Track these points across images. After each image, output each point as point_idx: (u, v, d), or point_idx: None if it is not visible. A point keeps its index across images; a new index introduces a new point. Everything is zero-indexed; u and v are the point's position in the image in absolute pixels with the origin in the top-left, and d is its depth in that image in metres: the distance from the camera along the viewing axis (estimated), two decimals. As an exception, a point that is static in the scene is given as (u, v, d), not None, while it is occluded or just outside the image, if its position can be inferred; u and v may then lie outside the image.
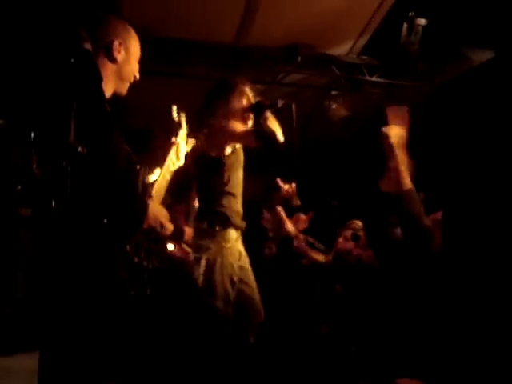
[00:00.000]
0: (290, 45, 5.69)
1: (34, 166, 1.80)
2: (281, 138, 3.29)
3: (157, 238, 2.22)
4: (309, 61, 5.82)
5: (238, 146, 3.48)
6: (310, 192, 7.94)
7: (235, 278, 3.28)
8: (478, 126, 2.22)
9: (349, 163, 7.61)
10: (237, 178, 3.44)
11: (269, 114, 3.24)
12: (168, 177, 2.58)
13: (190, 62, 5.64)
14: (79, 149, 1.59)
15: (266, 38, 5.61)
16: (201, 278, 3.20)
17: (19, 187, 2.90)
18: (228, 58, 5.74)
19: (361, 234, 3.82)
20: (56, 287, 1.79)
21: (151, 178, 2.46)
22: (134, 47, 2.33)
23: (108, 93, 2.19)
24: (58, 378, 1.89)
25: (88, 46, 1.78)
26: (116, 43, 2.20)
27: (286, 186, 3.94)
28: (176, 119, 2.84)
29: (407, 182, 2.40)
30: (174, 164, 2.69)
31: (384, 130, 2.44)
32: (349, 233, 4.03)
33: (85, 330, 1.90)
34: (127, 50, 2.26)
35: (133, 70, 2.34)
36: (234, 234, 3.34)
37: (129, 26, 2.33)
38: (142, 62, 5.76)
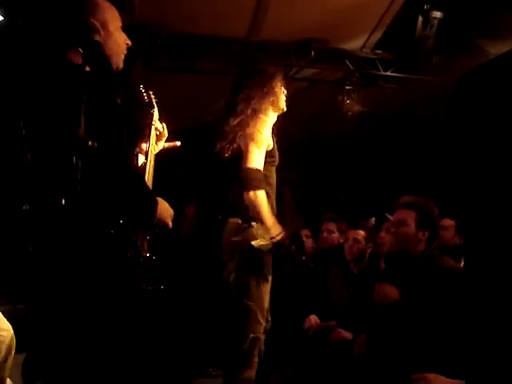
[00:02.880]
0: (303, 39, 5.63)
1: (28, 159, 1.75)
2: None
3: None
4: (322, 55, 5.76)
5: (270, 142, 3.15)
6: (323, 188, 7.94)
7: (268, 277, 3.01)
8: (500, 119, 2.16)
9: (363, 159, 7.55)
10: (271, 176, 3.15)
11: None
12: (153, 161, 2.45)
13: (203, 58, 5.61)
14: (89, 143, 1.54)
15: (279, 32, 5.56)
16: (232, 277, 2.99)
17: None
18: (240, 53, 5.70)
19: None
20: (65, 286, 1.75)
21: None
22: (109, 18, 2.12)
23: None
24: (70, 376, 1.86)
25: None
26: (90, 22, 2.01)
27: None
28: (146, 99, 2.61)
29: None
30: (155, 148, 2.55)
31: None
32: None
33: (99, 330, 1.86)
34: (102, 25, 2.06)
35: (117, 41, 2.13)
36: (262, 231, 3.01)
37: (96, 0, 2.12)
38: (154, 58, 5.69)
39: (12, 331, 2.86)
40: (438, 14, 5.09)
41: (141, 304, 2.00)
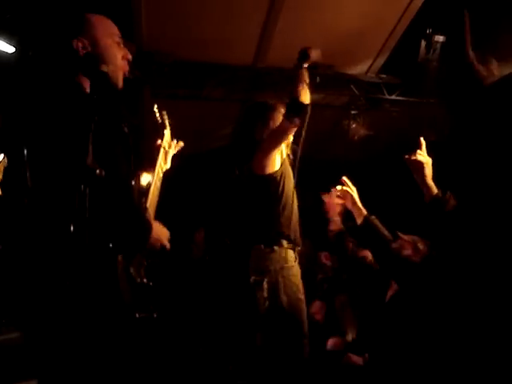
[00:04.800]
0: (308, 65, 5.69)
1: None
2: None
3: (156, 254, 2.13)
4: (327, 81, 5.80)
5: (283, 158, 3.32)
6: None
7: (302, 297, 3.09)
8: (507, 140, 2.18)
9: (369, 182, 7.54)
10: (289, 191, 3.29)
11: None
12: (159, 184, 2.42)
13: (209, 85, 5.68)
14: (97, 171, 1.57)
15: (284, 58, 5.59)
16: (266, 303, 3.01)
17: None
18: (247, 79, 5.77)
19: (420, 246, 3.71)
20: (65, 313, 1.76)
21: (142, 184, 2.33)
22: (100, 30, 2.04)
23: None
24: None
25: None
26: (75, 42, 1.98)
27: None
28: (159, 120, 2.61)
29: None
30: (162, 169, 2.53)
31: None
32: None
33: (91, 357, 1.85)
34: (93, 39, 2.00)
35: (114, 52, 2.05)
36: (292, 254, 3.14)
37: (88, 18, 2.06)
38: (161, 85, 5.70)
39: None
40: (440, 38, 5.15)
41: (130, 331, 1.98)
